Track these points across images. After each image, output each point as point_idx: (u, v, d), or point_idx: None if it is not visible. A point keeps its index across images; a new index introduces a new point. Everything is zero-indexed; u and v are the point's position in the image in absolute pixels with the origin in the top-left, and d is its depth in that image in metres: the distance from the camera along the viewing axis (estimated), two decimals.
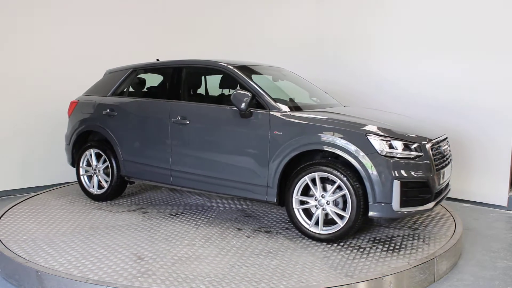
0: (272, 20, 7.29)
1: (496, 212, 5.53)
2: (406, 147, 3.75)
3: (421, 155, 3.77)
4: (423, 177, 3.75)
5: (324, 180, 3.94)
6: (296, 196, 4.00)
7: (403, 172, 3.68)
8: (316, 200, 3.93)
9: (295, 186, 3.98)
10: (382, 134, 3.77)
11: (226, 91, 5.12)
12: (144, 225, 4.41)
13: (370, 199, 3.70)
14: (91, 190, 5.30)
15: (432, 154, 3.87)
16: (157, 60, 5.46)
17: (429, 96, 5.99)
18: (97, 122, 5.19)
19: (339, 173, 3.78)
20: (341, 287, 3.12)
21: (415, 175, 3.72)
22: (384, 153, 3.68)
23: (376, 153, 3.68)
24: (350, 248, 3.83)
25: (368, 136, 3.73)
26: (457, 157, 5.85)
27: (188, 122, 4.55)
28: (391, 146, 3.72)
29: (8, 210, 4.85)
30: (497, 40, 5.48)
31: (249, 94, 4.12)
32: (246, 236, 4.13)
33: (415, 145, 3.78)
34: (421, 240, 4.03)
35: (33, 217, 4.63)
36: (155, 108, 4.85)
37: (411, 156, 3.73)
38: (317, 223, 3.94)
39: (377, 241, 3.98)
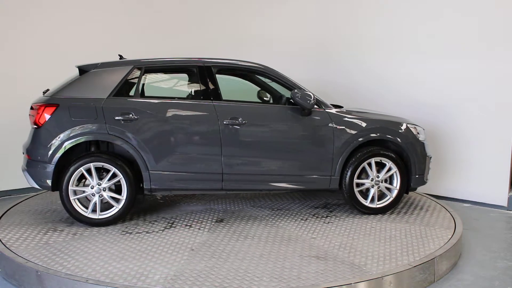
0: (267, 19, 7.29)
1: (496, 212, 5.53)
2: (422, 132, 4.93)
3: (424, 138, 4.97)
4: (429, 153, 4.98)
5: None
6: (356, 180, 4.64)
7: (427, 150, 4.91)
8: (372, 180, 4.65)
9: (355, 172, 4.62)
10: (414, 124, 4.95)
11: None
12: (225, 235, 4.12)
13: (413, 174, 4.76)
14: (90, 215, 4.30)
15: None
16: (120, 56, 4.92)
17: (429, 96, 6.00)
18: (106, 130, 4.30)
19: (390, 156, 4.66)
20: (341, 287, 3.13)
21: (429, 152, 4.96)
22: (418, 137, 4.83)
23: (416, 138, 4.81)
24: (402, 216, 4.71)
25: (408, 126, 4.82)
26: (457, 157, 5.86)
27: (244, 122, 4.45)
28: (419, 132, 4.88)
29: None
30: (496, 38, 5.48)
31: (312, 94, 4.50)
32: (323, 222, 4.52)
33: (423, 131, 4.99)
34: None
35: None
36: (197, 109, 4.49)
37: (423, 139, 4.90)
38: (371, 200, 4.72)
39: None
